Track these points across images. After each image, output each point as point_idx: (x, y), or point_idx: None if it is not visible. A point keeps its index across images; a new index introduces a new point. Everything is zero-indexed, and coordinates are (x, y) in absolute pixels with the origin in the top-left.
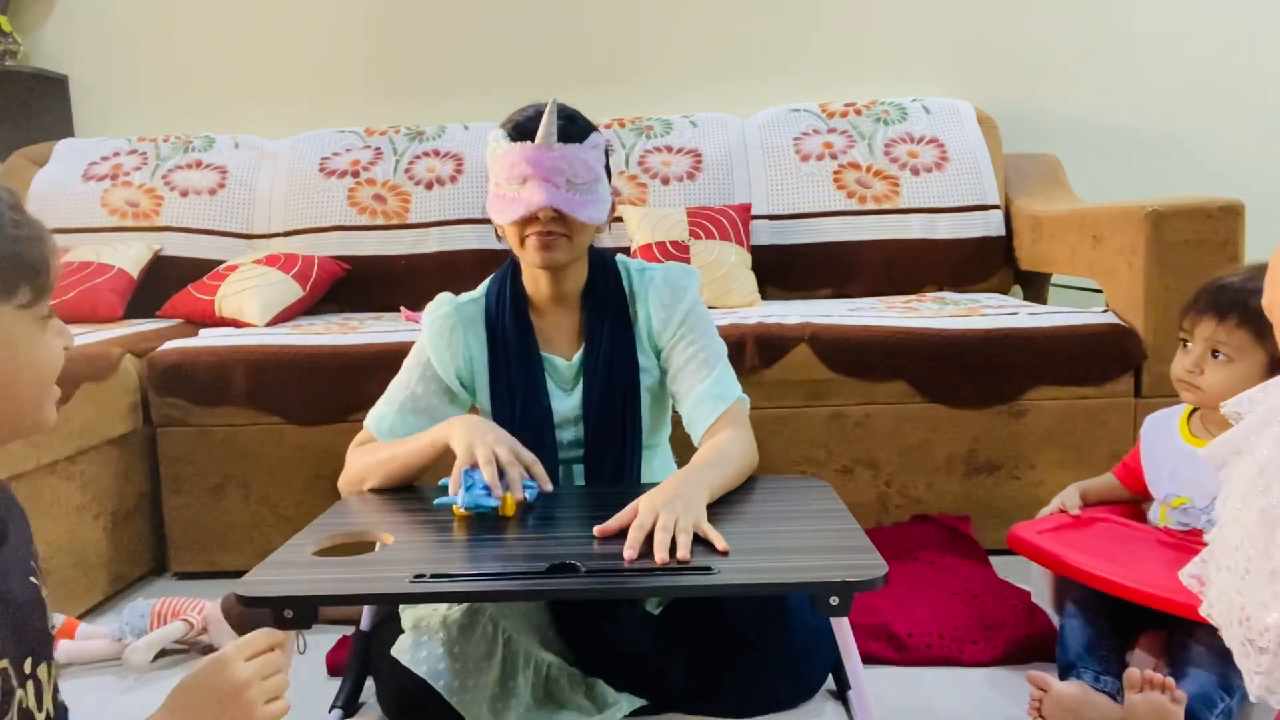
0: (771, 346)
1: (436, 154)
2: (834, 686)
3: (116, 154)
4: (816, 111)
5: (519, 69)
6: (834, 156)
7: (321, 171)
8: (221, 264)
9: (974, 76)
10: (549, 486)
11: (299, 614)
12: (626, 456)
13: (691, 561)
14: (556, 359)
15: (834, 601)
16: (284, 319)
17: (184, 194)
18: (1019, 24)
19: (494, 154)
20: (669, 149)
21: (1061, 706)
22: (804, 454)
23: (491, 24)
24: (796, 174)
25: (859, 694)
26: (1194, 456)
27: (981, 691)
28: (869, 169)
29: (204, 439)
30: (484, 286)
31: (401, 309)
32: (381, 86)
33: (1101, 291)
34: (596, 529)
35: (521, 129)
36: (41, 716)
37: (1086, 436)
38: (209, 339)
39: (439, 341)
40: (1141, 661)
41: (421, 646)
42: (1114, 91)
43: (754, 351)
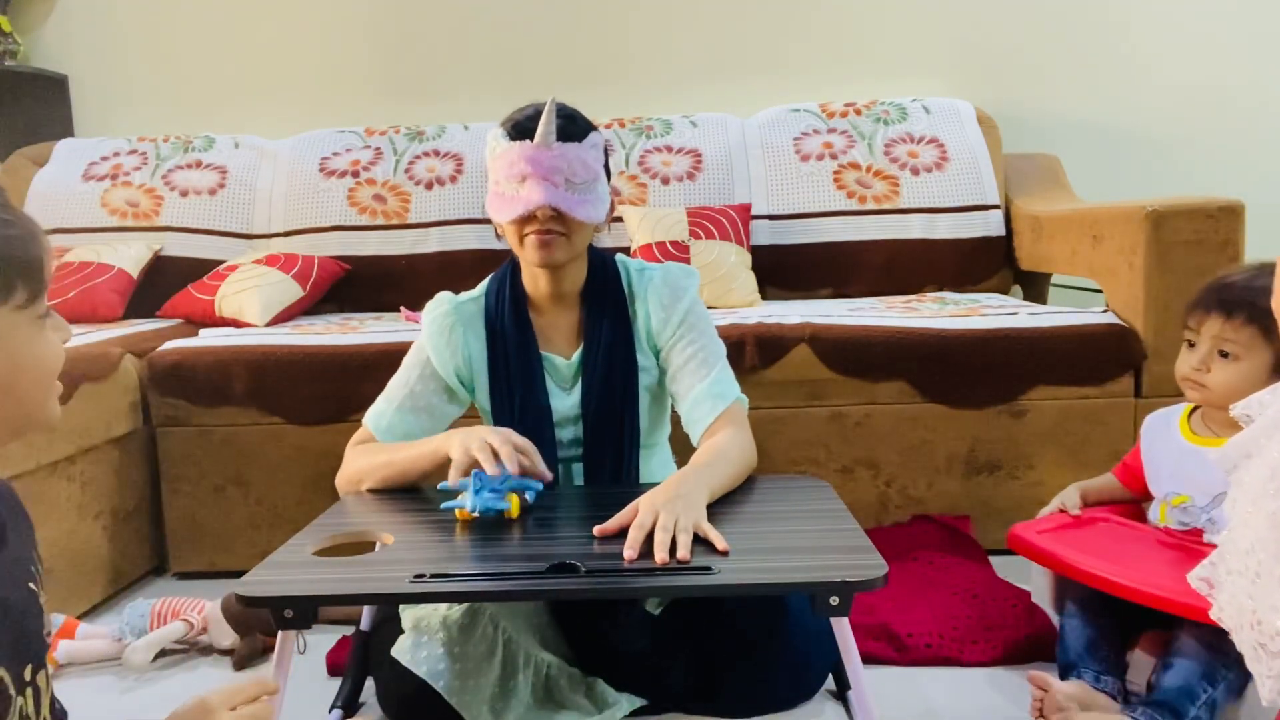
0: (771, 346)
1: (436, 154)
2: (834, 686)
3: (116, 154)
4: (816, 111)
5: (519, 69)
6: (834, 156)
7: (321, 171)
8: (221, 264)
9: (974, 76)
10: (549, 475)
11: (299, 614)
12: (625, 455)
13: (691, 562)
14: (556, 358)
15: (834, 602)
16: (284, 319)
17: (184, 194)
18: (1019, 24)
19: (493, 153)
20: (669, 149)
21: (1063, 707)
22: (804, 454)
23: (492, 24)
24: (796, 174)
25: (859, 694)
26: (1194, 454)
27: (981, 691)
28: (869, 169)
29: (204, 439)
30: (483, 285)
31: (401, 309)
32: (381, 86)
33: (1101, 291)
34: (596, 529)
35: (521, 128)
36: None
37: (1086, 436)
38: (209, 339)
39: (438, 340)
40: (1141, 661)
41: (421, 647)
42: (1114, 91)
43: (754, 351)
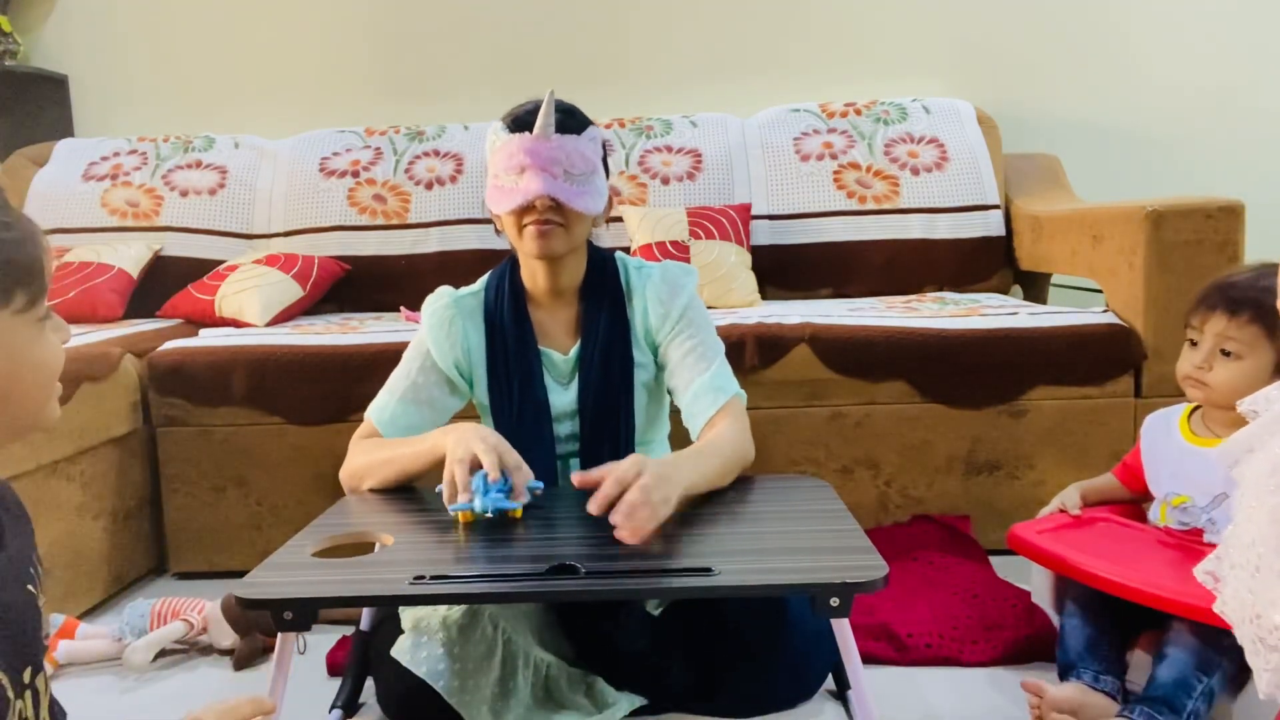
0: (771, 346)
1: (436, 154)
2: (834, 686)
3: (116, 154)
4: (816, 111)
5: (519, 69)
6: (834, 156)
7: (321, 171)
8: (221, 264)
9: (974, 76)
10: (525, 497)
11: (298, 616)
12: (621, 451)
13: (691, 563)
14: (553, 353)
15: (834, 603)
16: (284, 319)
17: (184, 194)
18: (1019, 24)
19: (493, 146)
20: (669, 149)
21: (1060, 710)
22: (804, 454)
23: (491, 24)
24: (796, 174)
25: (859, 694)
26: (1194, 455)
27: (981, 691)
28: (869, 169)
29: (204, 439)
30: (483, 281)
31: (401, 309)
32: (381, 86)
33: (1101, 291)
34: (575, 477)
35: (520, 121)
36: None
37: (1086, 436)
38: (209, 339)
39: (438, 333)
40: (1141, 661)
41: (421, 647)
42: (1114, 91)
43: (754, 351)
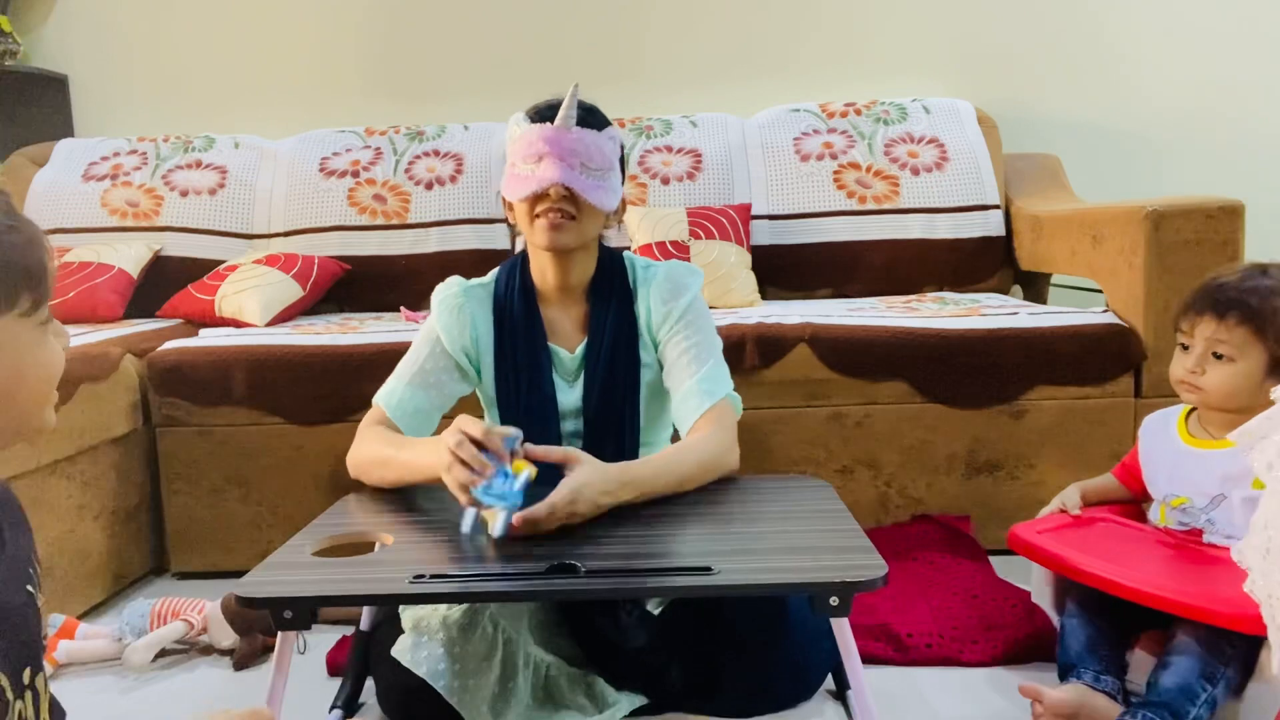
0: (771, 346)
1: (436, 154)
2: (834, 686)
3: (116, 154)
4: (816, 111)
5: (519, 69)
6: (834, 156)
7: (321, 171)
8: (221, 264)
9: (974, 76)
10: (505, 454)
11: (298, 615)
12: (625, 451)
13: (691, 562)
14: (561, 350)
15: (834, 602)
16: (284, 319)
17: (184, 194)
18: (1019, 24)
19: (513, 136)
20: (669, 149)
21: (1060, 714)
22: (804, 454)
23: (491, 24)
24: (796, 174)
25: (859, 694)
26: (1192, 456)
27: (981, 691)
28: (869, 169)
29: (204, 439)
30: (494, 273)
31: (401, 309)
32: (382, 86)
33: (1101, 291)
34: (516, 518)
35: (542, 112)
36: None
37: (1086, 436)
38: (209, 339)
39: (448, 318)
40: (1141, 661)
41: (421, 647)
42: (1114, 91)
43: (754, 351)
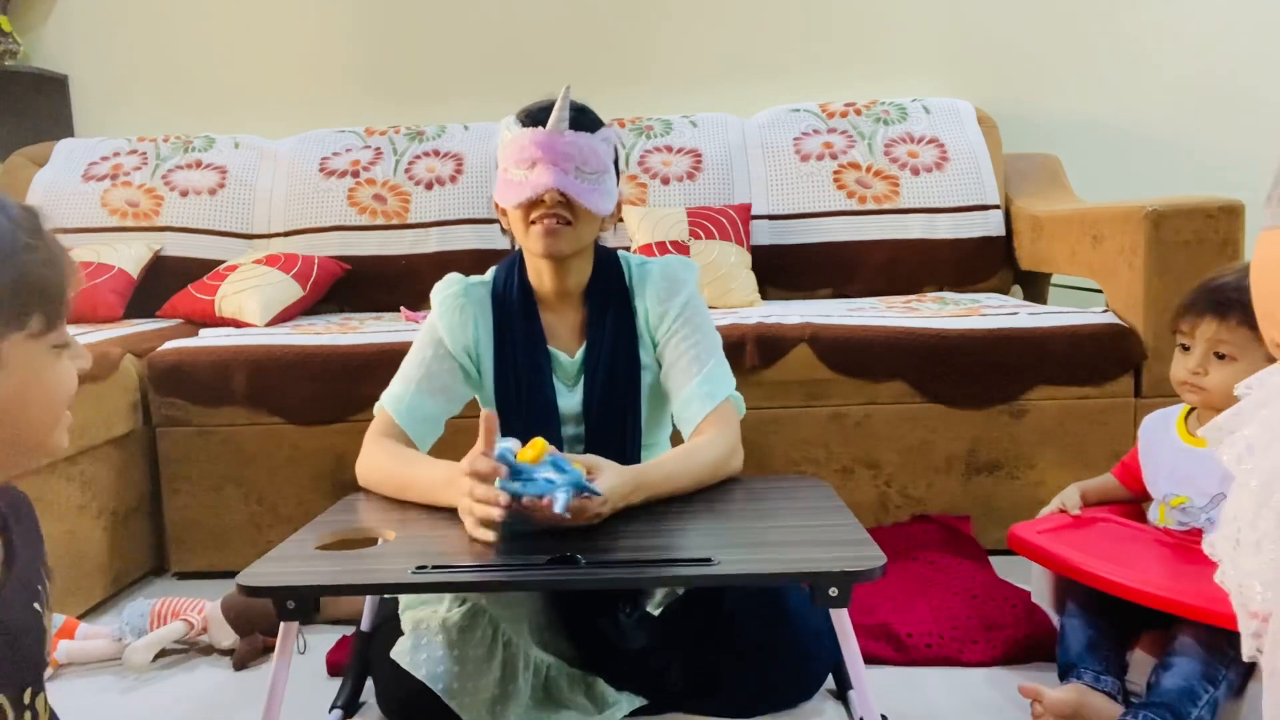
0: (771, 346)
1: (436, 154)
2: (834, 686)
3: (116, 154)
4: (816, 111)
5: (519, 69)
6: (834, 156)
7: (321, 171)
8: (221, 264)
9: (974, 76)
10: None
11: (300, 604)
12: (626, 454)
13: (690, 554)
14: (560, 354)
15: (833, 593)
16: (284, 319)
17: (184, 194)
18: (1019, 24)
19: (504, 140)
20: (669, 149)
21: (1060, 714)
22: (804, 454)
23: (491, 24)
24: (796, 174)
25: (859, 693)
26: (1192, 456)
27: (981, 691)
28: (869, 169)
29: (204, 439)
30: (492, 272)
31: (401, 309)
32: (382, 86)
33: (1101, 291)
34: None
35: (534, 116)
36: None
37: (1086, 436)
38: (209, 339)
39: (450, 318)
40: (1141, 661)
41: (421, 649)
42: (1113, 91)
43: (754, 351)
